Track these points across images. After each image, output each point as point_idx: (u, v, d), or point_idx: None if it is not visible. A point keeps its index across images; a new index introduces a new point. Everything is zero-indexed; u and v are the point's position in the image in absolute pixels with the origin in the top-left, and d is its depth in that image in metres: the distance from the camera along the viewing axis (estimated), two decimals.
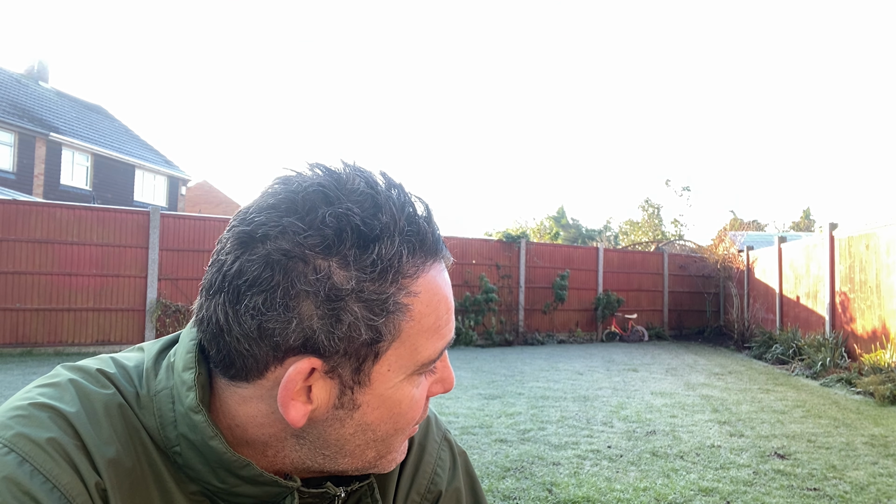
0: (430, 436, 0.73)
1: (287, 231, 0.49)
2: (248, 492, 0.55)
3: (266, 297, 0.49)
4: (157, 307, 9.87)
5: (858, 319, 8.73)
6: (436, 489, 0.71)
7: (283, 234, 0.49)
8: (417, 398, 0.57)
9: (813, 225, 32.16)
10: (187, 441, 0.53)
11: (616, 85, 65.60)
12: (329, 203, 0.50)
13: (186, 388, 0.53)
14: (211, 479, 0.54)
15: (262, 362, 0.51)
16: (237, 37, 71.34)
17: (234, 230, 0.52)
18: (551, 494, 3.40)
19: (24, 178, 18.22)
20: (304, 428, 0.54)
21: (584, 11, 65.75)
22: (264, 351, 0.50)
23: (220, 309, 0.51)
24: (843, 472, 3.91)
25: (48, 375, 0.56)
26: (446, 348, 0.57)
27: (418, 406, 0.57)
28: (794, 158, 61.86)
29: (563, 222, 33.31)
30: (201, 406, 0.52)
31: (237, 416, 0.54)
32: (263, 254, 0.49)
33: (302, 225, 0.49)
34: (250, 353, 0.51)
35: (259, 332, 0.49)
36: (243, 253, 0.50)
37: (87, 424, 0.51)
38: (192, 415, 0.52)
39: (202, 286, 0.54)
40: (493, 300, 12.92)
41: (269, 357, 0.50)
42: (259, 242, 0.50)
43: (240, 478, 0.54)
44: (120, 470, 0.51)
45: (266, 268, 0.49)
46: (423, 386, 0.57)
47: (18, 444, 0.48)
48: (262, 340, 0.50)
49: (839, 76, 61.51)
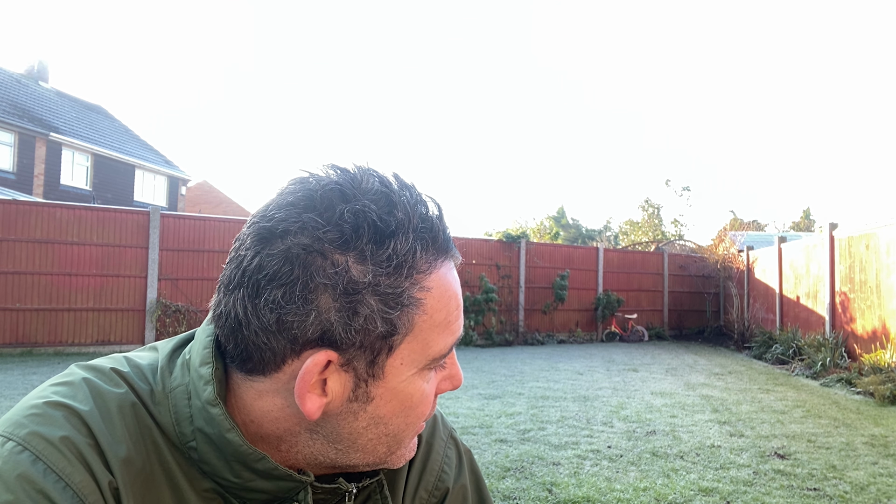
0: (438, 434, 0.74)
1: (307, 227, 0.51)
2: (263, 486, 0.56)
3: (286, 290, 0.50)
4: (157, 307, 9.88)
5: (858, 319, 8.73)
6: (443, 486, 0.72)
7: (302, 230, 0.51)
8: (428, 393, 0.58)
9: (813, 225, 32.16)
10: (203, 435, 0.54)
11: (616, 85, 65.69)
12: (346, 200, 0.52)
13: (204, 382, 0.54)
14: (226, 474, 0.55)
15: (280, 355, 0.52)
16: (237, 37, 71.44)
17: (255, 226, 0.53)
18: (551, 494, 3.40)
19: (24, 178, 18.22)
20: (318, 422, 0.55)
21: (584, 11, 65.83)
22: (282, 344, 0.51)
23: (239, 303, 0.52)
24: (843, 472, 3.91)
25: (62, 374, 0.57)
26: (455, 344, 0.58)
27: (428, 401, 0.59)
28: (794, 158, 61.92)
29: (563, 222, 33.33)
30: (219, 399, 0.53)
31: (252, 411, 0.55)
32: (283, 249, 0.50)
33: (321, 221, 0.51)
34: (268, 346, 0.51)
35: (278, 325, 0.50)
36: (263, 248, 0.51)
37: (101, 423, 0.52)
38: (210, 408, 0.53)
39: (220, 282, 0.55)
40: (493, 300, 12.92)
41: (287, 350, 0.51)
42: (279, 238, 0.51)
43: (254, 471, 0.54)
44: (132, 469, 0.52)
45: (286, 262, 0.50)
46: (432, 381, 0.59)
47: (32, 442, 0.49)
48: (280, 333, 0.51)
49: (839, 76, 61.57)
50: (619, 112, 64.94)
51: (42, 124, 19.16)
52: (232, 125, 65.71)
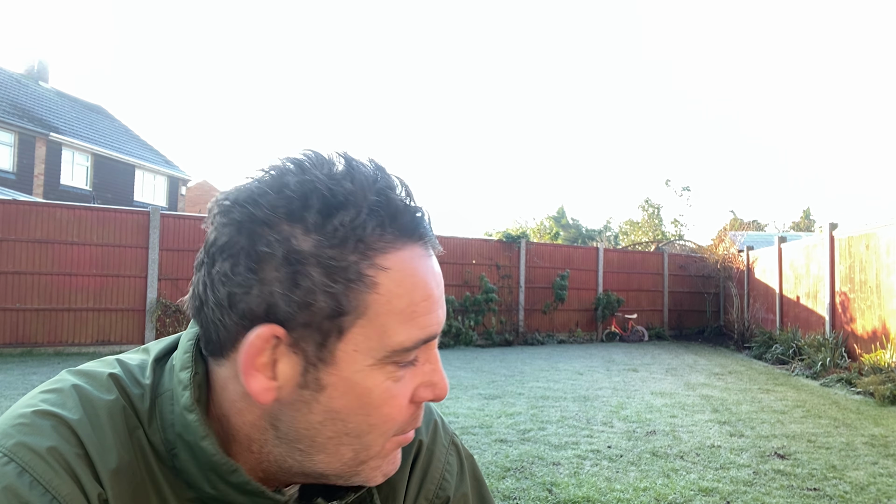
0: (439, 440, 0.71)
1: (255, 197, 0.50)
2: (239, 501, 0.53)
3: (233, 262, 0.49)
4: (157, 307, 9.88)
5: (858, 319, 8.73)
6: (444, 495, 0.69)
7: (251, 200, 0.50)
8: (395, 393, 0.53)
9: (813, 225, 32.16)
10: (183, 443, 0.52)
11: (616, 85, 65.68)
12: (300, 174, 0.51)
13: (182, 387, 0.52)
14: (204, 486, 0.53)
15: (233, 333, 0.50)
16: (237, 36, 71.41)
17: (215, 201, 0.53)
18: (551, 494, 3.40)
19: (24, 178, 18.22)
20: (276, 415, 0.52)
21: (584, 12, 65.85)
22: (234, 320, 0.50)
23: (200, 281, 0.52)
24: (843, 472, 3.91)
25: (52, 381, 0.55)
26: (426, 341, 0.54)
27: (396, 402, 0.53)
28: (794, 158, 61.92)
29: (563, 222, 33.33)
30: (196, 405, 0.52)
31: (223, 403, 0.54)
32: (233, 219, 0.50)
33: (270, 192, 0.50)
34: (222, 323, 0.50)
35: (228, 299, 0.50)
36: (218, 220, 0.52)
37: (91, 432, 0.50)
38: (186, 414, 0.51)
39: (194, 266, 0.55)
40: (493, 300, 12.93)
41: (238, 327, 0.50)
42: (232, 209, 0.51)
43: (229, 484, 0.52)
44: (122, 479, 0.50)
45: (235, 233, 0.50)
46: (403, 382, 0.54)
47: (18, 453, 0.47)
48: (231, 308, 0.50)
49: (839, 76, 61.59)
50: (619, 112, 64.98)
51: (42, 124, 19.16)
52: (232, 125, 65.78)
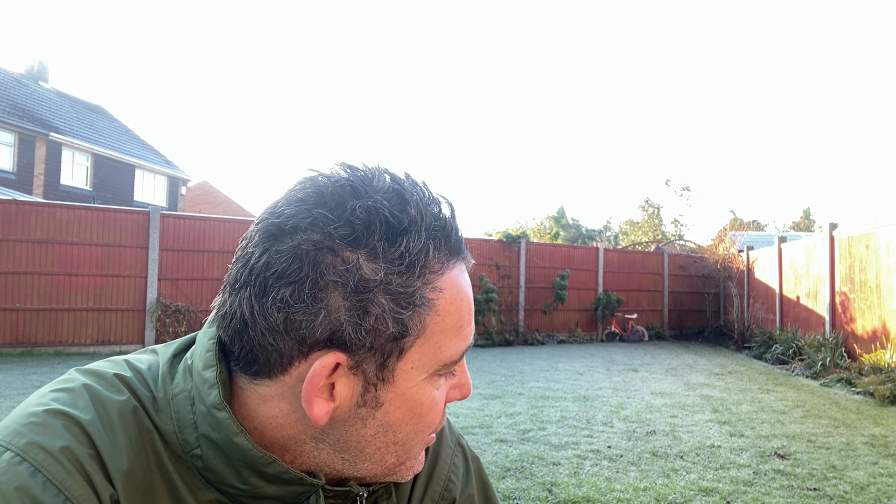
0: (445, 441, 0.72)
1: (317, 223, 0.49)
2: (272, 492, 0.54)
3: (294, 288, 0.48)
4: (157, 307, 9.87)
5: (858, 319, 8.73)
6: (450, 496, 0.69)
7: (312, 226, 0.49)
8: (437, 400, 0.56)
9: (813, 225, 32.17)
10: (209, 441, 0.52)
11: (616, 84, 65.67)
12: (358, 197, 0.50)
13: (208, 385, 0.52)
14: (233, 481, 0.53)
15: (287, 357, 0.50)
16: (237, 36, 71.41)
17: (263, 223, 0.51)
18: (551, 494, 3.40)
19: (24, 178, 18.22)
20: (324, 429, 0.53)
21: (584, 12, 65.84)
22: (290, 345, 0.49)
23: (245, 303, 0.50)
24: (843, 472, 3.91)
25: (62, 380, 0.55)
26: (467, 350, 0.56)
27: (438, 409, 0.56)
28: (794, 158, 61.93)
29: (563, 222, 33.34)
30: (225, 402, 0.51)
31: (256, 416, 0.53)
32: (292, 245, 0.49)
33: (332, 217, 0.49)
34: (275, 347, 0.50)
35: (285, 324, 0.49)
36: (272, 245, 0.50)
37: (102, 433, 0.50)
38: (216, 412, 0.51)
39: (225, 282, 0.53)
40: (493, 300, 12.92)
41: (294, 351, 0.50)
42: (288, 235, 0.49)
43: (264, 476, 0.52)
44: (134, 480, 0.50)
45: (295, 259, 0.48)
46: (442, 389, 0.57)
47: (31, 452, 0.47)
48: (287, 334, 0.49)
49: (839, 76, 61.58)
50: (619, 112, 64.97)
51: (42, 124, 19.15)
52: (232, 125, 65.75)
